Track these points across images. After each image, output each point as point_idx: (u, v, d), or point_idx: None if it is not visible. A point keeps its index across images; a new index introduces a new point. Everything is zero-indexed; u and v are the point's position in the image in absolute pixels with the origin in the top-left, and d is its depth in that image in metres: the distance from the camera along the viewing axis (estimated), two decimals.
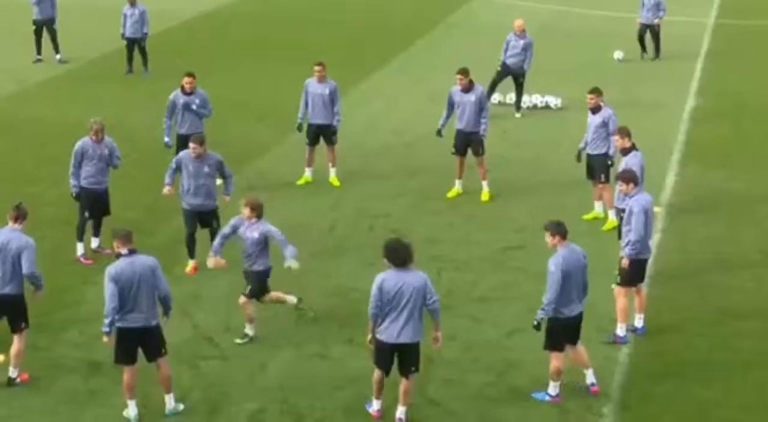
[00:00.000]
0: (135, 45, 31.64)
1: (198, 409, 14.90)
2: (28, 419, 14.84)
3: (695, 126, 20.02)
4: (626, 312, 16.81)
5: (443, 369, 15.75)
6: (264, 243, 16.62)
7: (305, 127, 23.26)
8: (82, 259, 19.53)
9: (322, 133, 23.11)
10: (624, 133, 19.07)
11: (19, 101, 29.38)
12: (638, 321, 17.15)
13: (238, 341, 16.59)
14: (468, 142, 22.39)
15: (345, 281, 18.84)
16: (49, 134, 25.98)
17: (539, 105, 28.82)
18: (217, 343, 16.62)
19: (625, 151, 18.95)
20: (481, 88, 22.78)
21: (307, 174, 23.20)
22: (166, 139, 22.39)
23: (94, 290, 18.25)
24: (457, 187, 22.72)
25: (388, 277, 14.06)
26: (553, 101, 28.99)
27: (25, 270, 15.19)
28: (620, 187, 17.24)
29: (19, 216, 15.48)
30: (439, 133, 22.94)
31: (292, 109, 23.77)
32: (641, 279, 17.13)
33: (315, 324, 17.38)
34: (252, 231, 16.60)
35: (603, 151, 20.78)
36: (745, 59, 34.99)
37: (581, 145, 21.41)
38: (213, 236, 18.27)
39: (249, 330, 16.72)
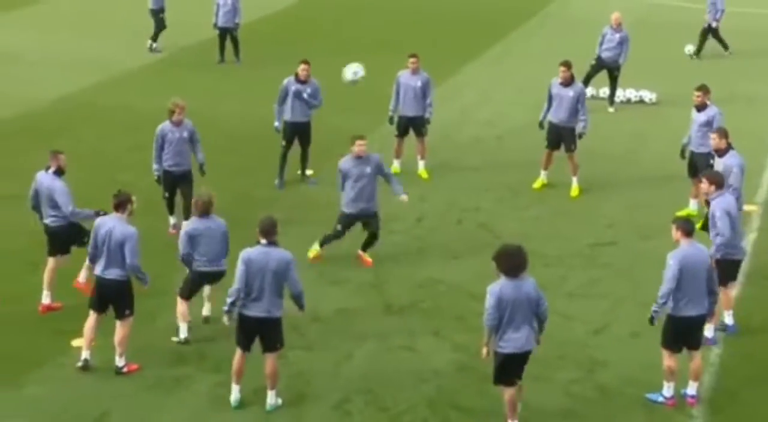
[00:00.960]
0: (227, 34, 31.81)
1: (283, 398, 14.87)
2: (113, 404, 14.93)
3: None
4: (715, 313, 16.47)
5: (531, 366, 15.56)
6: None
7: (396, 118, 23.22)
8: (171, 230, 19.99)
9: (412, 125, 23.04)
10: (722, 133, 18.69)
11: (109, 89, 29.63)
12: (728, 319, 16.90)
13: (175, 339, 16.50)
14: (561, 137, 22.19)
15: (431, 273, 18.74)
16: (139, 122, 26.16)
17: (633, 99, 28.44)
18: (303, 333, 16.61)
19: (720, 152, 18.55)
20: (581, 85, 22.65)
21: (396, 165, 23.13)
22: (276, 124, 22.47)
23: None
24: (542, 177, 22.57)
25: (504, 287, 13.64)
26: (648, 96, 28.63)
27: (127, 260, 15.38)
28: (704, 186, 16.84)
29: (120, 204, 15.58)
30: (541, 125, 22.72)
31: (384, 99, 23.71)
32: (733, 278, 16.85)
33: (401, 317, 17.33)
34: None
35: (708, 149, 20.41)
36: None
37: (684, 140, 21.10)
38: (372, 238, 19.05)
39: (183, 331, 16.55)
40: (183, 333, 16.44)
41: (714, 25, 33.48)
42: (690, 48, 33.69)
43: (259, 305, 14.41)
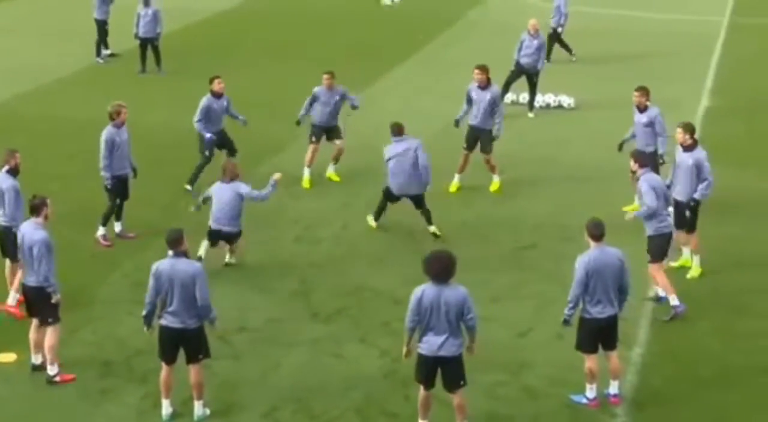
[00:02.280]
0: (148, 44, 31.68)
1: (211, 409, 14.86)
2: (42, 416, 14.87)
3: (710, 125, 19.98)
4: (669, 285, 17.31)
5: None
6: None
7: (309, 126, 23.54)
8: (101, 240, 19.84)
9: (327, 133, 23.40)
10: (686, 128, 18.91)
11: (35, 99, 29.45)
12: (673, 300, 17.52)
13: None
14: (478, 139, 22.58)
15: (357, 280, 18.83)
16: (66, 132, 26.06)
17: (552, 104, 28.76)
18: (230, 342, 16.60)
19: (686, 147, 18.77)
20: (496, 87, 22.95)
21: (306, 175, 23.33)
22: (208, 136, 22.62)
23: (107, 289, 18.45)
24: (456, 180, 22.93)
25: (426, 291, 13.72)
26: (566, 100, 28.95)
27: (34, 266, 15.19)
28: (631, 165, 17.53)
29: (34, 207, 15.35)
30: (456, 123, 23.17)
31: (299, 106, 23.74)
32: (666, 254, 17.57)
33: (328, 324, 17.39)
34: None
35: (653, 149, 20.83)
36: (760, 57, 34.87)
37: (626, 136, 21.54)
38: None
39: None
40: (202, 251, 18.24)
41: (559, 29, 33.48)
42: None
43: (175, 316, 14.32)
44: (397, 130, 20.49)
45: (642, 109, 21.12)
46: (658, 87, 21.59)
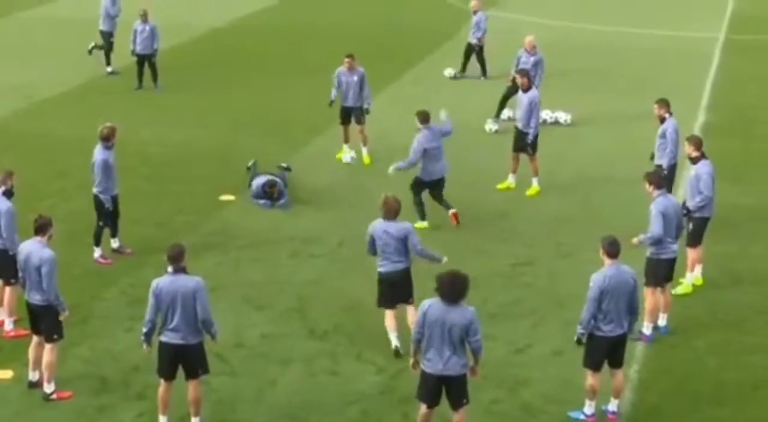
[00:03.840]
0: (145, 61, 31.65)
1: None
2: None
3: (705, 141, 20.00)
4: (655, 312, 17.27)
5: None
6: None
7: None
8: (101, 259, 19.80)
9: (353, 114, 25.46)
10: (693, 141, 19.00)
11: (29, 116, 29.39)
12: (661, 320, 17.44)
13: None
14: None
15: (353, 296, 18.75)
16: (59, 149, 26.00)
17: (549, 120, 28.73)
18: (226, 359, 16.55)
19: (693, 160, 18.84)
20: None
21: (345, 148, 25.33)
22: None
23: (103, 305, 18.39)
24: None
25: (433, 307, 13.66)
26: (563, 117, 28.94)
27: (44, 285, 15.13)
28: (645, 187, 17.36)
29: (40, 227, 15.29)
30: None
31: (300, 125, 23.78)
32: (668, 279, 17.40)
33: (324, 340, 17.35)
34: None
35: (659, 161, 21.07)
36: (756, 74, 34.92)
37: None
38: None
39: None
40: (394, 342, 16.79)
41: (476, 44, 33.15)
42: (449, 71, 33.78)
43: (176, 333, 14.27)
44: (425, 118, 21.55)
45: (661, 121, 21.23)
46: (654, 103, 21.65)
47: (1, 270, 17.09)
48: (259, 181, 22.64)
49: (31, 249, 15.28)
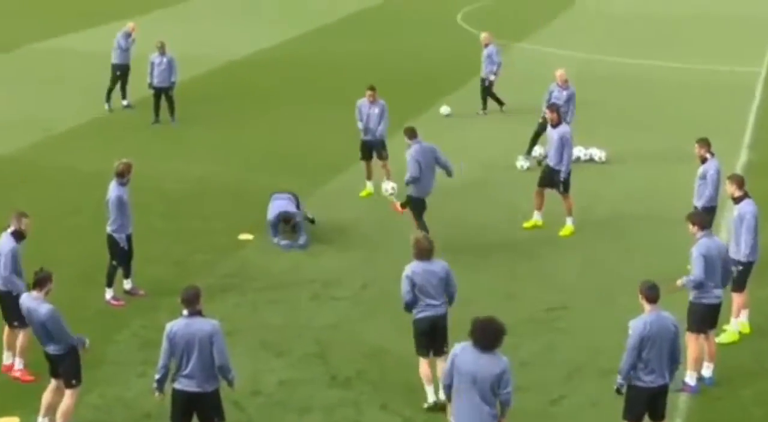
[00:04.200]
0: (162, 94, 30.94)
1: None
2: None
3: (747, 181, 19.21)
4: (699, 360, 16.49)
5: None
6: None
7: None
8: (112, 301, 19.27)
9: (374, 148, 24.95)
10: (735, 179, 18.40)
11: (46, 149, 28.90)
12: (706, 371, 16.72)
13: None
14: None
15: (378, 342, 18.05)
16: (72, 183, 25.45)
17: (582, 158, 27.81)
18: (243, 408, 15.85)
19: (735, 200, 18.21)
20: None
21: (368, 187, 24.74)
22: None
23: (115, 349, 17.83)
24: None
25: (464, 351, 12.93)
26: (597, 154, 28.04)
27: (55, 337, 14.72)
28: (689, 228, 16.65)
29: (39, 281, 14.84)
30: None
31: (318, 160, 23.17)
32: (711, 326, 16.62)
33: (347, 388, 16.60)
34: None
35: (699, 203, 20.31)
36: None
37: None
38: None
39: None
40: (431, 397, 15.84)
41: (491, 78, 32.35)
42: (445, 109, 32.86)
43: (191, 379, 13.70)
44: (412, 133, 21.71)
45: (702, 161, 20.51)
46: (694, 140, 20.88)
47: (6, 311, 16.74)
48: (275, 209, 22.02)
49: (29, 305, 14.89)
